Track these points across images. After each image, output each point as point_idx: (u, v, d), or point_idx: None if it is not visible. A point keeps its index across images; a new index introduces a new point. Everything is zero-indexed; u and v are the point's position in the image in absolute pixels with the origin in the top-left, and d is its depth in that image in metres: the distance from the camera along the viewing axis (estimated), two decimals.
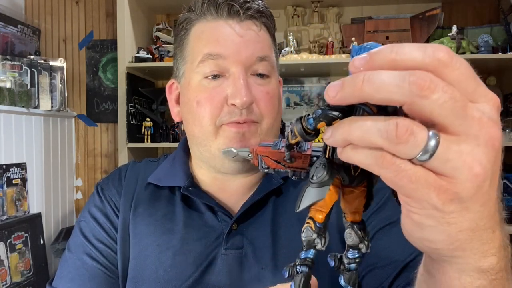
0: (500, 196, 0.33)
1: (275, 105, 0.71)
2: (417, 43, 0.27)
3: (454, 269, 0.33)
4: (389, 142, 0.26)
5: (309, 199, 0.34)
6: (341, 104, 0.29)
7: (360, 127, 0.27)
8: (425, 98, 0.26)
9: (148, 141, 1.99)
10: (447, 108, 0.26)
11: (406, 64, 0.26)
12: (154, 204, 0.74)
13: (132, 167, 0.82)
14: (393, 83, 0.26)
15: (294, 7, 2.15)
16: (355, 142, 0.28)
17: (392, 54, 0.27)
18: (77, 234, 0.75)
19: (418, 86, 0.25)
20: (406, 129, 0.26)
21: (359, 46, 0.31)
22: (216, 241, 0.69)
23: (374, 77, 0.26)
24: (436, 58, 0.26)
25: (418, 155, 0.26)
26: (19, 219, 1.77)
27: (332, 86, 0.28)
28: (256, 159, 0.40)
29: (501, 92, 2.07)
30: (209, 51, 0.67)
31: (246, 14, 0.68)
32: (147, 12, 2.23)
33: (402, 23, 2.04)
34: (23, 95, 1.84)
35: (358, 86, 0.27)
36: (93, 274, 0.71)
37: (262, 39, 0.69)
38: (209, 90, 0.67)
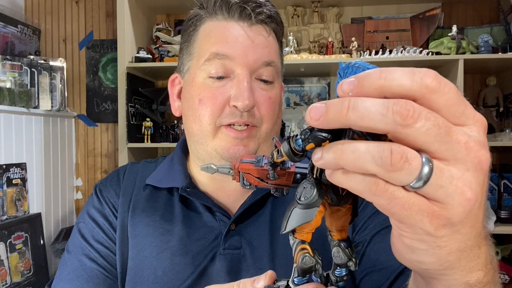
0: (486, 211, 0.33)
1: (276, 111, 0.71)
2: (406, 68, 0.27)
3: (442, 285, 0.33)
4: (383, 170, 0.26)
5: (296, 221, 0.33)
6: (321, 127, 0.28)
7: (353, 153, 0.27)
8: (408, 127, 0.26)
9: (148, 141, 1.99)
10: (431, 135, 0.26)
11: (394, 91, 0.26)
12: (153, 205, 0.74)
13: (131, 168, 0.82)
14: (377, 111, 0.26)
15: (294, 7, 2.15)
16: (347, 167, 0.27)
17: (381, 80, 0.27)
18: (76, 236, 0.75)
19: (400, 116, 0.25)
20: (401, 156, 0.26)
21: (346, 64, 0.30)
22: (215, 241, 0.69)
23: (359, 105, 0.26)
24: (424, 85, 0.26)
25: (412, 182, 0.26)
26: (19, 219, 1.77)
27: (315, 108, 0.28)
28: (238, 175, 0.38)
29: (501, 92, 2.07)
30: (217, 50, 0.67)
31: (257, 18, 0.68)
32: (147, 12, 2.23)
33: (402, 23, 2.04)
34: (23, 95, 1.84)
35: (343, 112, 0.27)
36: (91, 275, 0.71)
37: (270, 45, 0.70)
38: (213, 89, 0.68)
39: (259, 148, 0.70)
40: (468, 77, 2.09)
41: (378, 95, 0.27)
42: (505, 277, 1.90)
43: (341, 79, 0.29)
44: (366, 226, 0.68)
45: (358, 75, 0.27)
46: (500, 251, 1.93)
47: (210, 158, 0.70)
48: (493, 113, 2.05)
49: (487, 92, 2.09)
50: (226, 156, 0.67)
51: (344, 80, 0.28)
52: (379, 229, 0.66)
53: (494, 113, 2.05)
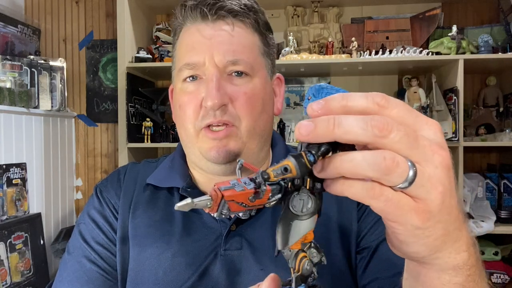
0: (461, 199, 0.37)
1: (257, 105, 0.69)
2: (360, 93, 0.33)
3: (434, 270, 0.38)
4: (379, 173, 0.31)
5: (301, 232, 0.35)
6: (312, 141, 0.33)
7: (351, 162, 0.31)
8: (385, 137, 0.31)
9: (148, 141, 1.99)
10: (404, 142, 0.31)
11: (354, 109, 0.32)
12: (153, 206, 0.74)
13: (131, 168, 0.82)
14: (359, 126, 0.31)
15: (294, 7, 2.15)
16: (347, 175, 0.32)
17: (344, 101, 0.33)
18: (76, 237, 0.75)
19: (378, 128, 0.31)
20: (393, 161, 0.31)
21: (319, 86, 0.35)
22: (215, 242, 0.69)
23: (343, 122, 0.31)
24: (375, 103, 0.33)
25: (401, 183, 0.31)
26: (19, 219, 1.77)
27: (304, 125, 0.32)
28: (217, 205, 0.35)
29: (501, 92, 2.07)
30: (186, 61, 0.69)
31: (216, 15, 0.68)
32: (147, 12, 2.23)
33: (402, 23, 2.04)
34: (23, 95, 1.84)
35: (330, 128, 0.32)
36: (91, 277, 0.71)
37: (236, 40, 0.69)
38: (188, 93, 0.69)
39: (246, 147, 0.69)
40: (468, 77, 2.09)
41: (342, 113, 0.32)
42: (505, 277, 1.90)
43: (315, 98, 0.34)
44: (372, 233, 0.69)
45: (326, 98, 0.33)
46: (500, 251, 1.93)
47: (199, 161, 0.71)
48: (493, 113, 2.05)
49: (487, 92, 2.09)
50: (209, 158, 0.68)
51: (312, 102, 0.33)
52: (383, 237, 0.66)
53: (494, 113, 2.05)
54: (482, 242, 1.95)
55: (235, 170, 0.70)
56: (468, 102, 2.08)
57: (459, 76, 1.78)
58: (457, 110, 1.78)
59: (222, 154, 0.67)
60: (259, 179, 0.34)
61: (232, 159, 0.68)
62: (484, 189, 1.96)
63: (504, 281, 1.90)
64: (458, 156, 1.78)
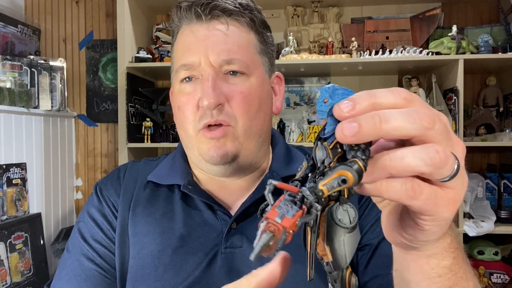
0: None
1: (253, 105, 0.69)
2: (383, 89, 0.32)
3: (423, 256, 0.40)
4: (433, 168, 0.30)
5: (354, 247, 0.33)
6: (357, 142, 0.31)
7: (403, 159, 0.30)
8: (432, 129, 0.31)
9: (148, 141, 1.99)
10: (444, 134, 0.31)
11: (384, 106, 0.31)
12: (153, 203, 0.74)
13: (131, 167, 0.82)
14: (407, 120, 0.30)
15: (294, 7, 2.15)
16: (397, 174, 0.31)
17: (372, 99, 0.31)
18: (76, 235, 0.75)
19: (426, 120, 0.30)
20: (445, 153, 0.30)
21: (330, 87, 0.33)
22: (216, 239, 0.69)
23: (389, 117, 0.30)
24: (403, 97, 0.32)
25: (448, 176, 0.31)
26: (19, 219, 1.77)
27: (347, 127, 0.30)
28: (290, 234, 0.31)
29: (501, 92, 2.07)
30: (183, 62, 0.69)
31: (210, 15, 0.68)
32: (147, 12, 2.23)
33: (402, 23, 2.04)
34: (23, 95, 1.84)
35: (377, 125, 0.30)
36: (89, 275, 0.71)
37: (231, 39, 0.68)
38: (186, 94, 0.69)
39: (243, 147, 0.68)
40: (468, 77, 2.09)
41: (370, 109, 0.31)
42: (505, 277, 1.90)
43: (332, 100, 0.32)
44: (374, 230, 0.69)
45: (352, 98, 0.31)
46: (500, 251, 1.93)
47: (199, 162, 0.71)
48: (493, 113, 2.05)
49: (487, 92, 2.09)
50: (207, 159, 0.68)
51: (339, 103, 0.31)
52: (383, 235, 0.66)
53: (494, 113, 2.05)
54: (482, 242, 1.95)
55: (234, 171, 0.70)
56: (468, 102, 2.08)
57: (459, 76, 1.78)
58: (457, 110, 1.78)
59: (220, 154, 0.67)
60: (310, 198, 0.30)
61: (230, 160, 0.68)
62: (484, 189, 1.96)
63: (504, 281, 1.90)
64: None
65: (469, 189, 1.89)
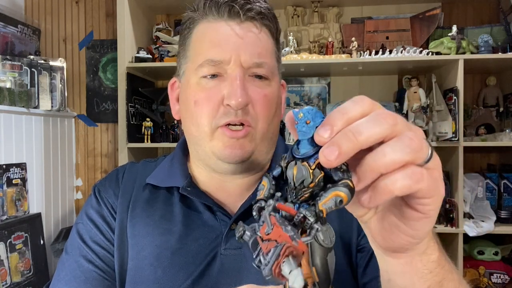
0: None
1: (272, 109, 0.70)
2: (348, 102, 0.35)
3: (417, 253, 0.42)
4: (414, 153, 0.33)
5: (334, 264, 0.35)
6: (342, 161, 0.33)
7: (384, 155, 0.33)
8: (396, 124, 0.34)
9: (148, 141, 1.99)
10: (405, 125, 0.35)
11: (355, 118, 0.34)
12: (152, 205, 0.74)
13: (130, 168, 0.82)
14: (375, 126, 0.33)
15: (294, 7, 2.15)
16: (386, 169, 0.33)
17: (344, 115, 0.34)
18: (74, 236, 0.75)
19: (390, 120, 0.33)
20: (417, 138, 0.33)
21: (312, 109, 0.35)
22: (215, 241, 0.69)
23: (360, 129, 0.33)
24: (367, 104, 0.35)
25: (426, 158, 0.34)
26: (19, 219, 1.77)
27: (328, 152, 0.33)
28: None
29: (501, 92, 2.07)
30: (210, 56, 0.67)
31: (246, 16, 0.68)
32: (147, 12, 2.23)
33: (402, 23, 2.04)
34: (23, 95, 1.84)
35: (354, 140, 0.33)
36: (88, 277, 0.71)
37: (262, 43, 0.69)
38: (207, 90, 0.67)
39: (257, 149, 0.69)
40: (468, 77, 2.09)
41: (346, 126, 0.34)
42: (505, 277, 1.90)
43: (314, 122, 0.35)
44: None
45: (327, 122, 0.34)
46: (500, 251, 1.93)
47: (209, 159, 0.70)
48: (493, 113, 2.05)
49: (487, 92, 2.09)
50: (222, 157, 0.67)
51: (317, 131, 0.34)
52: None
53: (494, 113, 2.05)
54: (482, 242, 1.95)
55: (243, 170, 0.70)
56: (468, 102, 2.08)
57: (459, 76, 1.78)
58: (457, 110, 1.78)
59: (239, 154, 0.66)
60: (312, 219, 0.32)
61: (245, 159, 0.68)
62: (484, 189, 1.96)
63: (504, 281, 1.90)
64: (458, 156, 1.78)
65: (469, 189, 1.89)
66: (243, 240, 0.34)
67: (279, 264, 0.30)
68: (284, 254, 0.30)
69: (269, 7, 0.71)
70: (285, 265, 0.30)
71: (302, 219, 0.32)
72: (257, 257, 0.32)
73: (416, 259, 0.42)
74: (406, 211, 0.37)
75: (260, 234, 0.33)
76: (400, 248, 0.41)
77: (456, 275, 0.47)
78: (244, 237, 0.34)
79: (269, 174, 0.38)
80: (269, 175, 0.38)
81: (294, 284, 0.30)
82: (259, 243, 0.33)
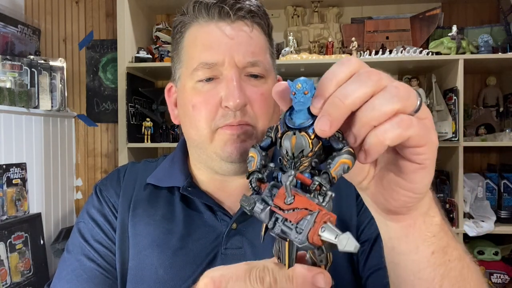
0: None
1: (271, 107, 0.70)
2: (335, 65, 0.36)
3: (419, 214, 0.42)
4: (403, 101, 0.34)
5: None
6: (336, 129, 0.33)
7: (374, 108, 0.33)
8: (380, 79, 0.34)
9: (148, 141, 1.99)
10: (389, 78, 0.35)
11: (344, 79, 0.35)
12: (153, 205, 0.74)
13: (131, 168, 0.82)
14: (360, 86, 0.34)
15: (294, 7, 2.15)
16: (377, 121, 0.34)
17: (333, 80, 0.34)
18: (76, 235, 0.75)
19: (374, 77, 0.34)
20: (403, 86, 0.34)
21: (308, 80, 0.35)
22: (216, 241, 0.69)
23: (346, 92, 0.33)
24: (355, 64, 0.35)
25: (416, 106, 0.35)
26: (19, 219, 1.77)
27: (321, 123, 0.33)
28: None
29: (501, 92, 2.07)
30: (204, 59, 0.67)
31: (237, 15, 0.68)
32: (147, 12, 2.23)
33: (402, 23, 2.04)
34: (23, 95, 1.84)
35: (342, 105, 0.33)
36: (90, 275, 0.71)
37: (254, 41, 0.69)
38: (203, 93, 0.67)
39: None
40: (468, 77, 2.09)
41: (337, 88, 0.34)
42: (505, 277, 1.90)
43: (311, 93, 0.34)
44: (371, 226, 0.69)
45: (318, 92, 0.34)
46: (500, 251, 1.93)
47: (212, 161, 0.70)
48: (493, 113, 2.05)
49: (487, 92, 2.09)
50: (225, 156, 0.67)
51: (313, 102, 0.34)
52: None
53: (494, 113, 2.05)
54: (482, 242, 1.95)
55: (245, 170, 0.70)
56: (468, 102, 2.08)
57: (459, 76, 1.78)
58: (457, 110, 1.78)
59: (241, 152, 0.66)
60: (327, 186, 0.33)
61: (245, 159, 0.68)
62: (484, 189, 1.96)
63: (504, 281, 1.90)
64: (458, 156, 1.78)
65: (469, 189, 1.89)
66: (254, 212, 0.34)
67: (316, 231, 0.31)
68: (322, 221, 0.31)
69: (259, 4, 0.70)
70: (325, 232, 0.31)
71: (318, 187, 0.33)
72: (274, 227, 0.33)
73: (419, 220, 0.42)
74: (402, 164, 0.38)
75: (274, 204, 0.33)
76: (402, 208, 0.41)
77: (460, 245, 0.47)
78: (256, 209, 0.34)
79: (257, 145, 0.39)
80: (256, 146, 0.39)
81: (347, 247, 0.30)
82: (274, 213, 0.33)
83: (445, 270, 0.44)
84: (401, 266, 0.46)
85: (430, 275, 0.44)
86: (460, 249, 0.46)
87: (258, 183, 0.36)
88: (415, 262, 0.44)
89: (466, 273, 0.46)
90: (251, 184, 0.36)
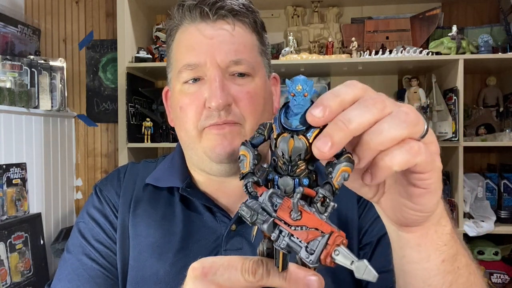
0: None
1: (259, 105, 0.69)
2: (340, 85, 0.35)
3: (432, 224, 0.42)
4: (411, 127, 0.33)
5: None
6: (336, 152, 0.33)
7: (381, 132, 0.33)
8: (386, 106, 0.34)
9: (148, 141, 1.99)
10: (395, 103, 0.35)
11: (348, 101, 0.34)
12: (154, 205, 0.74)
13: (131, 168, 0.82)
14: (364, 112, 0.33)
15: (294, 7, 2.15)
16: (383, 146, 0.33)
17: (337, 98, 0.34)
18: (76, 235, 0.75)
19: (378, 103, 0.34)
20: (413, 112, 0.34)
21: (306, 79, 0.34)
22: (215, 242, 0.69)
23: (349, 116, 0.33)
24: (359, 88, 0.35)
25: (423, 131, 0.35)
26: (19, 219, 1.77)
27: (320, 144, 0.32)
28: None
29: (501, 92, 2.07)
30: (187, 61, 0.68)
31: (217, 14, 0.68)
32: (147, 12, 2.23)
33: (402, 23, 2.04)
34: (23, 95, 1.84)
35: (345, 129, 0.32)
36: (92, 275, 0.71)
37: (237, 40, 0.69)
38: (189, 95, 0.68)
39: None
40: (468, 77, 2.09)
41: (339, 108, 0.33)
42: (505, 277, 1.90)
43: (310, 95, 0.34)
44: (373, 228, 0.69)
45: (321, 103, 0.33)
46: (500, 251, 1.93)
47: (202, 163, 0.71)
48: (493, 113, 2.05)
49: (487, 92, 2.09)
50: (214, 157, 0.67)
51: (310, 110, 0.33)
52: (385, 231, 0.66)
53: (494, 113, 2.05)
54: (482, 242, 1.95)
55: (237, 170, 0.70)
56: (468, 102, 2.08)
57: (459, 76, 1.78)
58: (457, 110, 1.78)
59: (228, 151, 0.66)
60: (331, 198, 0.32)
61: (235, 158, 0.68)
62: (484, 189, 1.96)
63: (504, 281, 1.90)
64: (458, 156, 1.78)
65: (469, 189, 1.89)
66: (256, 223, 0.33)
67: (329, 253, 0.30)
68: (335, 243, 0.30)
69: (244, 2, 0.70)
70: (340, 256, 0.30)
71: (322, 199, 0.33)
72: (278, 240, 0.32)
73: (431, 230, 0.43)
74: (408, 188, 0.38)
75: (277, 216, 0.33)
76: (413, 222, 0.42)
77: (467, 252, 0.48)
78: (258, 220, 0.33)
79: (247, 142, 0.37)
80: (247, 143, 0.37)
81: (365, 276, 0.30)
82: (278, 226, 0.32)
83: (453, 277, 0.45)
84: (411, 274, 0.47)
85: (439, 282, 0.45)
86: (467, 256, 0.47)
87: (254, 186, 0.35)
88: (426, 270, 0.45)
89: (472, 279, 0.47)
90: (247, 189, 0.35)
